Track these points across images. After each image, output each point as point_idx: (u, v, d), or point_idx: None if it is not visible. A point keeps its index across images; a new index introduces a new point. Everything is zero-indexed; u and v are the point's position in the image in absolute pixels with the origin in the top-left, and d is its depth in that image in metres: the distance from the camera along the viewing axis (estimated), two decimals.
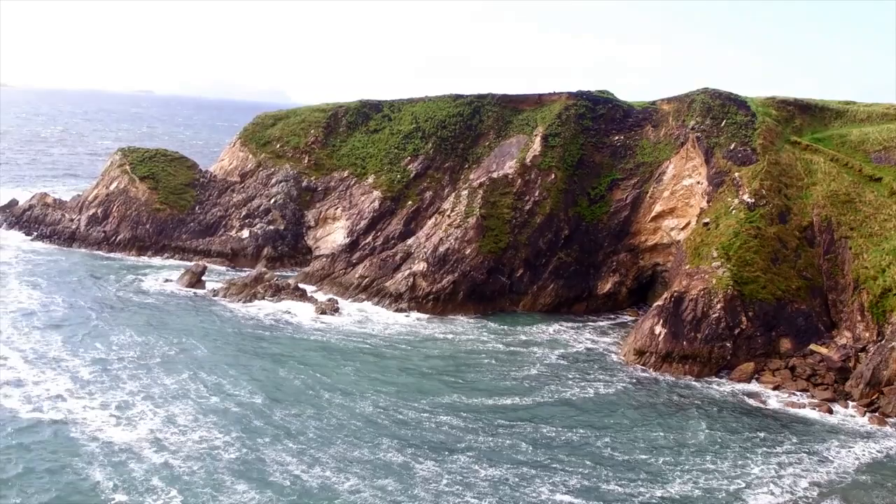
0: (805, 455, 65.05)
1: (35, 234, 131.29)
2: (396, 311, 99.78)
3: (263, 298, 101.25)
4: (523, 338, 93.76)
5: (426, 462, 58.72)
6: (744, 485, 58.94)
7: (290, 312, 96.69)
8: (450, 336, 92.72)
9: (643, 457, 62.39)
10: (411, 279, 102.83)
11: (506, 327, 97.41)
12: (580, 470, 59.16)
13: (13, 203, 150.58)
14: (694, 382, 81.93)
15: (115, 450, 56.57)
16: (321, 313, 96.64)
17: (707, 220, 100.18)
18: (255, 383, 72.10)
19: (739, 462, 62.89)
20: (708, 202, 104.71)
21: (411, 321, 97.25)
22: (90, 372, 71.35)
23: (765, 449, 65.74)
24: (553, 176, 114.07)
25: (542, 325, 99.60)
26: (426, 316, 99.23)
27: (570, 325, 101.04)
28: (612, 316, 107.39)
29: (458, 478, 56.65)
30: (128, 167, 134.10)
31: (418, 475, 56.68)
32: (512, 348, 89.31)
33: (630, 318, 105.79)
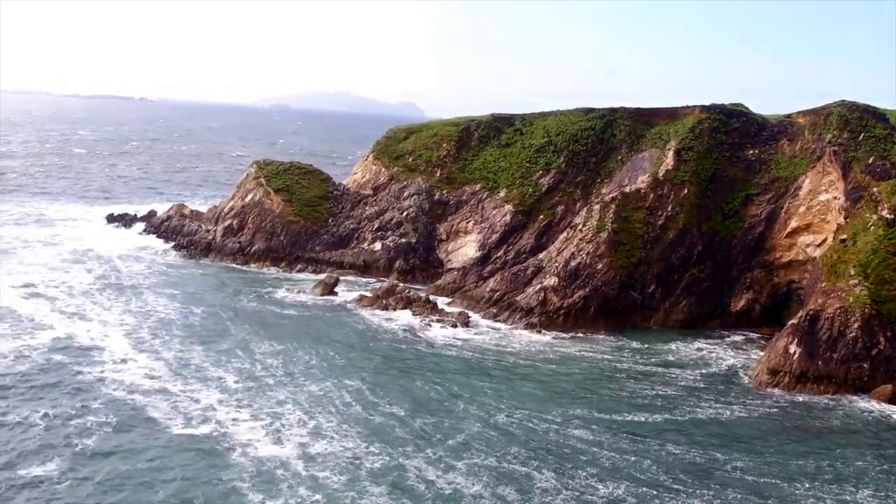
0: None
1: (173, 244, 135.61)
2: (527, 325, 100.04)
3: (395, 310, 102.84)
4: (657, 355, 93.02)
5: (547, 474, 59.25)
6: None
7: (422, 324, 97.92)
8: (583, 351, 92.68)
9: (774, 481, 60.91)
10: (542, 293, 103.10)
11: (639, 344, 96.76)
12: (704, 492, 58.21)
13: (152, 214, 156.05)
14: (829, 403, 79.77)
15: (263, 460, 58.15)
16: (453, 326, 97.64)
17: (844, 236, 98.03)
18: (395, 394, 73.38)
19: (881, 492, 60.40)
20: (845, 218, 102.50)
21: (544, 336, 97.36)
22: (235, 382, 73.52)
23: None
24: (686, 190, 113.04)
25: (676, 342, 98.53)
26: (558, 331, 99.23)
27: (703, 342, 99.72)
28: (746, 333, 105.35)
29: (576, 493, 56.88)
30: (263, 180, 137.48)
31: (538, 486, 57.33)
32: (645, 365, 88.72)
33: (763, 336, 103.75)
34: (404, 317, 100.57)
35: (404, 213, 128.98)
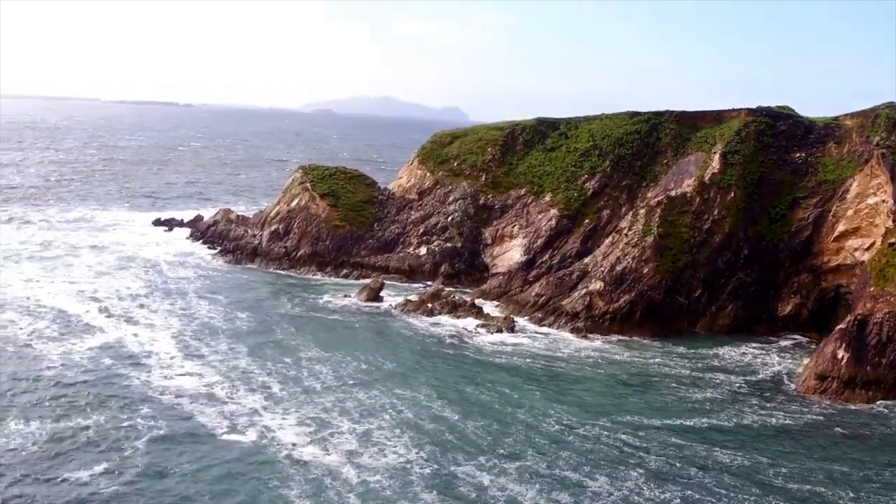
0: None
1: (219, 248, 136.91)
2: (572, 329, 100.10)
3: (440, 315, 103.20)
4: (703, 360, 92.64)
5: (599, 478, 59.37)
6: None
7: (468, 329, 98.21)
8: (630, 356, 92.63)
9: (818, 489, 60.52)
10: (588, 298, 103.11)
11: (685, 349, 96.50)
12: (747, 497, 58.14)
13: (198, 219, 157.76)
14: (877, 410, 79.07)
15: (311, 467, 58.37)
16: (498, 331, 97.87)
17: (893, 240, 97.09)
18: (444, 399, 73.53)
19: None
20: (894, 221, 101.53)
21: (591, 341, 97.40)
22: (282, 387, 73.91)
23: None
24: (732, 194, 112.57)
25: (722, 347, 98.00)
26: (605, 335, 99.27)
27: (750, 347, 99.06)
28: (793, 338, 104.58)
29: (627, 497, 57.07)
30: (308, 185, 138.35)
31: (590, 491, 57.50)
32: (692, 370, 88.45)
33: (811, 342, 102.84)
34: (450, 322, 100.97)
35: (449, 218, 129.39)
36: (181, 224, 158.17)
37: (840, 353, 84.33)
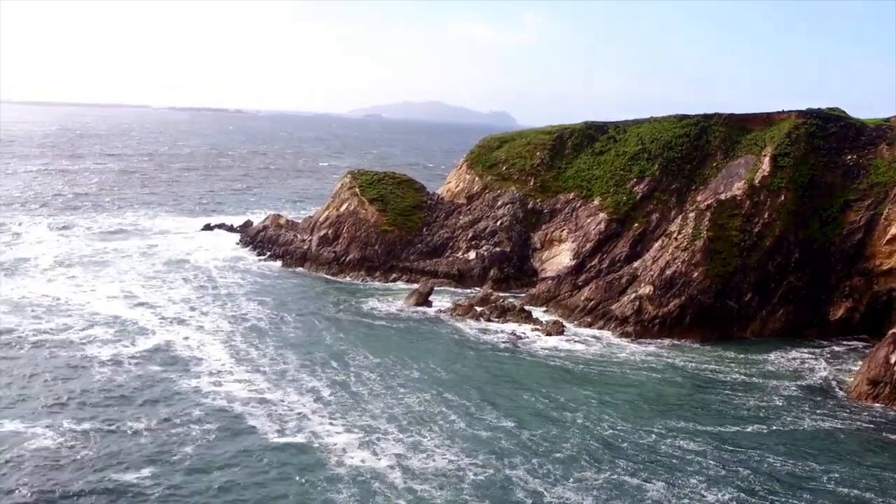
0: None
1: (268, 254, 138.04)
2: (622, 334, 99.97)
3: (490, 320, 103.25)
4: (755, 365, 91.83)
5: (657, 484, 59.17)
6: None
7: (518, 334, 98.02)
8: (683, 360, 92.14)
9: (868, 495, 59.95)
10: (637, 302, 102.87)
11: (736, 353, 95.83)
12: (798, 503, 58.19)
13: (248, 224, 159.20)
14: None
15: (361, 472, 58.39)
16: (547, 335, 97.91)
17: None
18: (497, 405, 73.31)
19: None
20: None
21: (644, 345, 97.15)
22: (331, 392, 74.20)
23: None
24: (783, 197, 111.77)
25: (773, 352, 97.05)
26: (655, 340, 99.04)
27: (801, 352, 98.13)
28: (846, 343, 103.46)
29: (683, 501, 57.04)
30: (357, 189, 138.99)
31: (649, 497, 57.32)
32: (744, 375, 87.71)
33: (863, 346, 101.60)
34: (500, 327, 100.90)
35: (498, 222, 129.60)
36: (231, 229, 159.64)
37: (893, 358, 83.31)
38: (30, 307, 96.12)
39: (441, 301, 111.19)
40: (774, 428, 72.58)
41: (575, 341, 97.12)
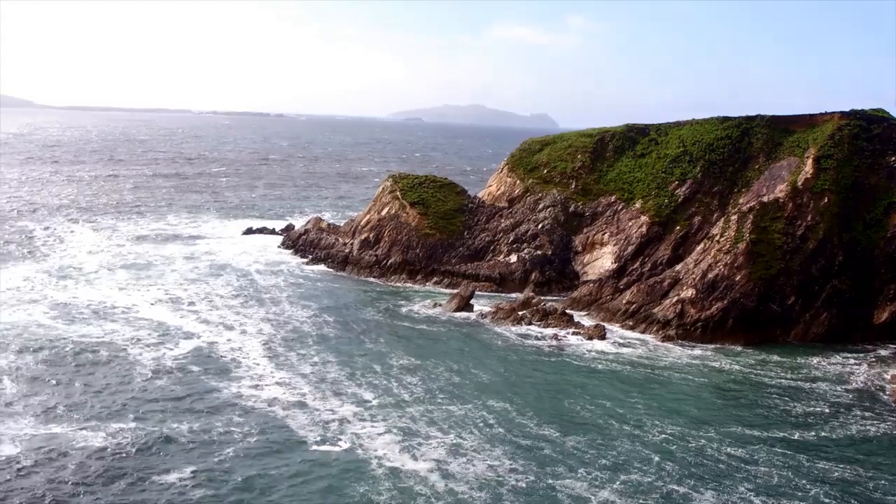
0: None
1: (310, 257, 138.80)
2: (664, 338, 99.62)
3: (531, 323, 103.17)
4: (800, 369, 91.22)
5: (706, 492, 58.74)
6: None
7: (559, 338, 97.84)
8: (729, 364, 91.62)
9: None
10: (679, 306, 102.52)
11: (780, 357, 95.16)
12: None
13: (289, 228, 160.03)
14: None
15: (401, 476, 58.50)
16: (589, 338, 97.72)
17: None
18: (540, 411, 73.07)
19: None
20: None
21: (688, 349, 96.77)
22: (372, 397, 74.37)
23: None
24: (826, 199, 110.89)
25: (817, 356, 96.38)
26: (697, 343, 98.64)
27: (846, 356, 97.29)
28: (891, 346, 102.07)
29: None
30: (398, 193, 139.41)
31: None
32: (790, 380, 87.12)
33: None
34: (541, 330, 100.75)
35: (540, 226, 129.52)
36: (272, 233, 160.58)
37: None
38: (76, 311, 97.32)
39: (482, 305, 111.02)
40: (823, 434, 71.93)
41: (618, 345, 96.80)
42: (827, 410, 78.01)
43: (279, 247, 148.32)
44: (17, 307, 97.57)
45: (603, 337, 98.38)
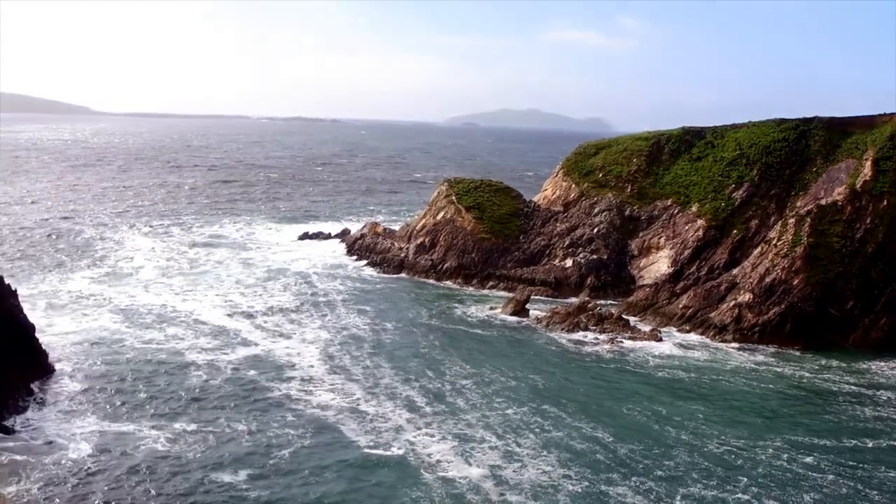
0: None
1: (366, 261, 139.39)
2: (721, 342, 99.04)
3: (587, 328, 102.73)
4: (862, 375, 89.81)
5: (769, 502, 57.79)
6: None
7: (616, 343, 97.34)
8: (791, 370, 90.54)
9: None
10: (736, 310, 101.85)
11: (840, 362, 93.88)
12: None
13: (345, 232, 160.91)
14: None
15: (455, 482, 58.42)
16: (644, 343, 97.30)
17: None
18: (596, 417, 72.47)
19: None
20: None
21: (749, 354, 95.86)
22: (426, 402, 74.52)
23: None
24: (885, 202, 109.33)
25: (878, 361, 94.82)
26: (756, 347, 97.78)
27: None
28: None
29: None
30: (454, 197, 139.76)
31: None
32: (853, 386, 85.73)
33: None
34: (597, 335, 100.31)
35: (595, 230, 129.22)
36: (328, 237, 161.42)
37: None
38: (139, 316, 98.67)
39: (538, 309, 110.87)
40: (893, 442, 70.53)
41: (677, 350, 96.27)
42: (894, 417, 76.68)
43: (335, 251, 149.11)
44: (82, 312, 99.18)
45: (659, 341, 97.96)
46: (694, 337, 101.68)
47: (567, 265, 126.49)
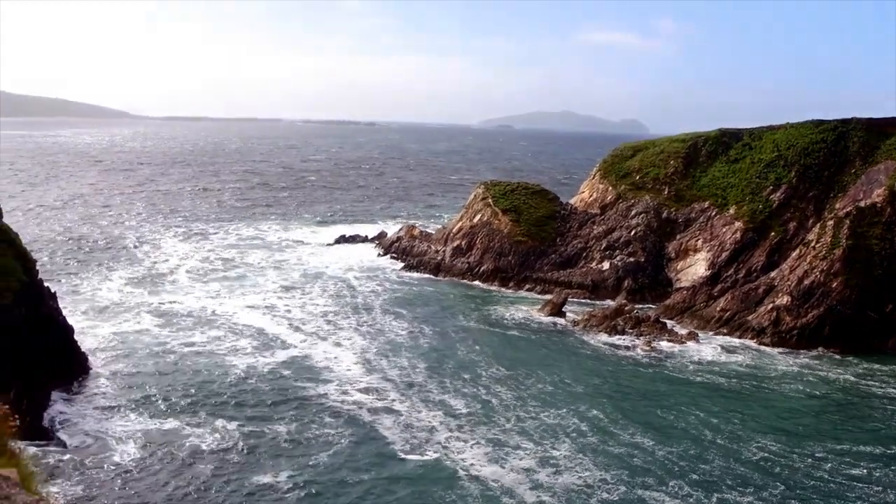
0: None
1: (403, 264, 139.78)
2: (759, 345, 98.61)
3: (623, 331, 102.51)
4: None
5: None
6: None
7: (653, 346, 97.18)
8: (835, 374, 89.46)
9: None
10: (774, 313, 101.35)
11: (882, 366, 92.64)
12: None
13: (382, 235, 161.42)
14: None
15: (490, 486, 58.17)
16: (683, 346, 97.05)
17: None
18: (634, 421, 71.93)
19: None
20: None
21: (789, 356, 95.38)
22: (463, 404, 74.39)
23: None
24: None
25: None
26: (802, 351, 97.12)
27: None
28: None
29: None
30: (490, 200, 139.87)
31: None
32: None
33: None
34: (634, 338, 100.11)
35: (632, 232, 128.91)
36: (365, 240, 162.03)
37: None
38: (178, 318, 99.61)
39: (574, 312, 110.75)
40: None
41: (715, 353, 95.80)
42: None
43: (372, 254, 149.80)
44: (121, 314, 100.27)
45: (698, 343, 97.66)
46: (732, 340, 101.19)
47: (604, 268, 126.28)
